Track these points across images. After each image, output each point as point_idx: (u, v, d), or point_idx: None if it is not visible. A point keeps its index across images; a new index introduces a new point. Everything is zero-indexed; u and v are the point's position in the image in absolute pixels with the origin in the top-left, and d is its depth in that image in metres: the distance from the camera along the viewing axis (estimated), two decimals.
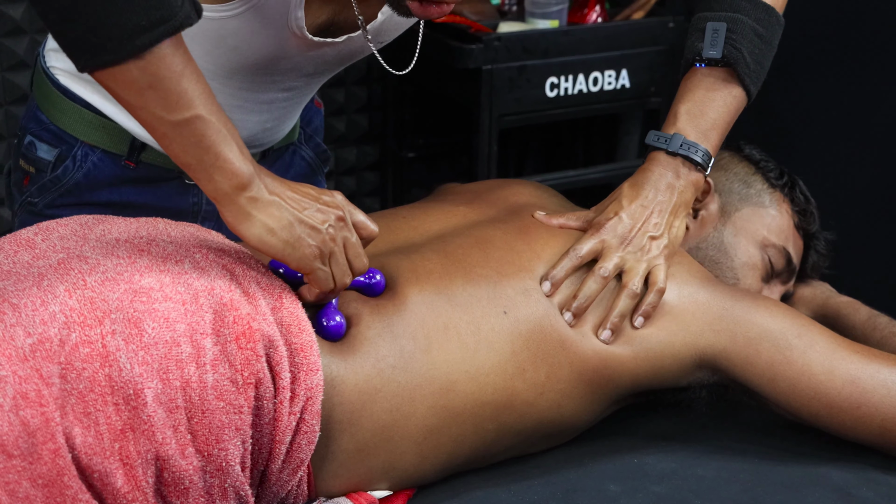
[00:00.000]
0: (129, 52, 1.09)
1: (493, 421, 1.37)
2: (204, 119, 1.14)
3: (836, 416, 1.41)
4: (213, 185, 1.19)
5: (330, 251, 1.25)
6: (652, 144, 1.52)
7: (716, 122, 1.52)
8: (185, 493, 1.16)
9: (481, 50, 2.43)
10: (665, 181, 1.50)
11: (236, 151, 1.17)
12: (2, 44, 2.44)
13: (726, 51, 1.50)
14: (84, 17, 1.07)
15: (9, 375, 1.09)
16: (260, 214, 1.20)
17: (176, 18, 1.10)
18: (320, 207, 1.24)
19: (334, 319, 1.31)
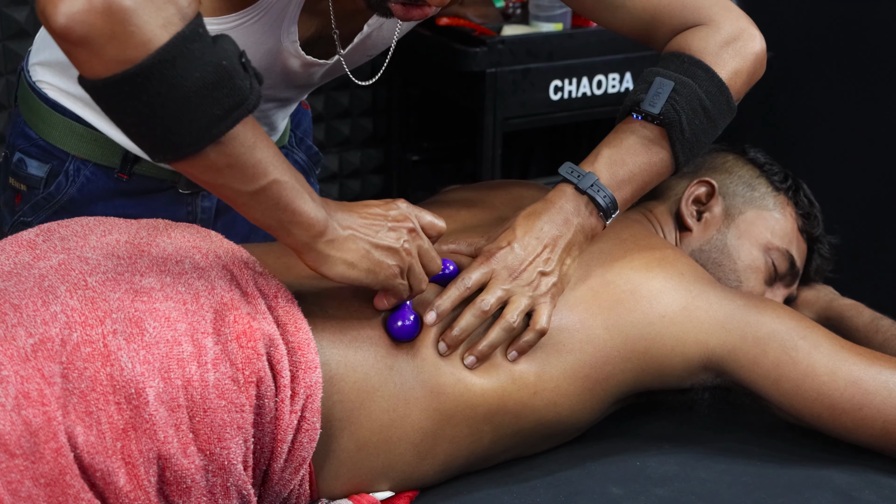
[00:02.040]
0: (206, 142, 1.09)
1: (487, 423, 1.37)
2: (279, 182, 1.15)
3: (839, 418, 1.41)
4: (293, 238, 1.20)
5: (408, 266, 1.28)
6: (564, 176, 1.43)
7: (633, 177, 1.43)
8: (188, 492, 1.16)
9: (485, 53, 2.43)
10: (563, 216, 1.41)
11: (309, 203, 1.18)
12: (6, 46, 2.45)
13: (664, 110, 1.42)
14: (161, 119, 1.07)
15: (11, 375, 1.09)
16: (338, 253, 1.22)
17: (248, 102, 1.10)
18: (392, 225, 1.26)
19: (408, 319, 1.33)
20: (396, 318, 1.33)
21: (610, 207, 1.42)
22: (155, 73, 1.03)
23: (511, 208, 1.58)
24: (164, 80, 1.04)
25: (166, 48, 1.03)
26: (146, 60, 1.02)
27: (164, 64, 1.03)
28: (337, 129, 2.92)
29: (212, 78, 1.06)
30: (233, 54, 1.09)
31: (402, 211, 1.29)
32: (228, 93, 1.08)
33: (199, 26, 1.06)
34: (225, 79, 1.07)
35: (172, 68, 1.03)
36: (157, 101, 1.05)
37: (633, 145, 1.44)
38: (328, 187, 2.97)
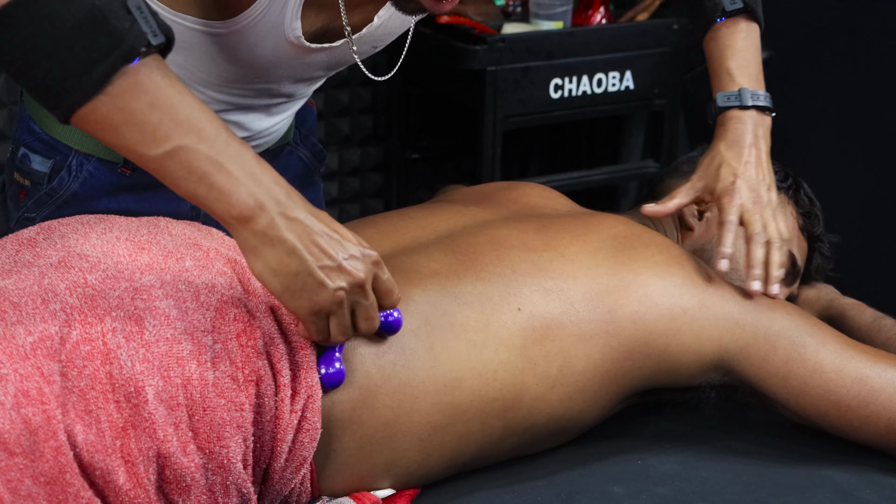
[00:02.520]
0: (89, 89, 1.04)
1: (500, 418, 1.37)
2: (187, 149, 1.08)
3: (844, 415, 1.42)
4: (216, 214, 1.12)
5: (330, 311, 1.18)
6: (725, 105, 1.59)
7: (758, 67, 1.61)
8: (187, 491, 1.16)
9: (485, 51, 2.43)
10: (751, 134, 1.57)
11: (237, 178, 1.09)
12: None
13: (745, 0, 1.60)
14: (37, 62, 1.03)
15: (10, 373, 1.09)
16: (266, 252, 1.12)
17: (125, 41, 1.04)
18: (342, 266, 1.15)
19: (332, 367, 1.25)
20: (320, 364, 1.25)
21: (769, 103, 1.59)
22: (19, 12, 1.01)
23: (521, 205, 1.58)
24: (32, 19, 1.01)
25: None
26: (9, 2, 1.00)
27: (29, 2, 1.01)
28: (337, 127, 2.92)
29: (83, 18, 1.02)
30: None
31: (364, 266, 1.17)
32: (103, 33, 1.02)
33: None
34: (98, 20, 1.02)
35: (37, 7, 1.01)
36: (28, 42, 1.02)
37: (743, 44, 1.61)
38: (328, 185, 2.97)
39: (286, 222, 1.12)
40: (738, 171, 1.54)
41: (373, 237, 1.46)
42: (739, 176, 1.53)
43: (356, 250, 1.17)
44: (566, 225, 1.51)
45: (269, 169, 1.13)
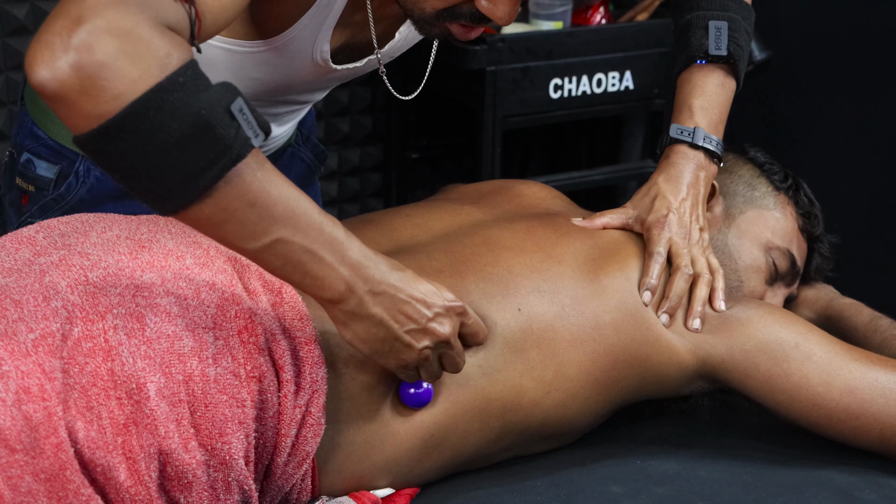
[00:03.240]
0: (194, 195, 1.05)
1: (499, 419, 1.37)
2: (284, 241, 1.11)
3: (835, 426, 1.41)
4: (309, 295, 1.17)
5: (418, 364, 1.25)
6: (676, 137, 1.57)
7: (721, 117, 1.59)
8: (189, 488, 1.16)
9: (485, 51, 2.43)
10: (693, 173, 1.55)
11: (329, 265, 1.14)
12: (6, 43, 2.44)
13: (731, 48, 1.57)
14: (144, 172, 1.04)
15: (11, 370, 1.09)
16: (355, 325, 1.19)
17: (232, 150, 1.05)
18: (426, 328, 1.22)
19: (420, 386, 1.32)
20: (409, 385, 1.32)
21: (720, 152, 1.58)
22: (128, 125, 1.01)
23: (515, 205, 1.58)
24: (139, 132, 1.01)
25: (139, 101, 1.00)
26: (118, 114, 1.00)
27: (137, 116, 1.01)
28: (336, 127, 2.92)
29: (190, 129, 1.03)
30: (217, 102, 1.04)
31: (444, 317, 1.24)
32: (210, 143, 1.03)
33: (180, 76, 1.02)
34: (205, 129, 1.03)
35: (146, 120, 1.01)
36: (135, 154, 1.03)
37: (713, 89, 1.59)
38: (327, 185, 2.97)
39: (373, 298, 1.18)
40: (673, 206, 1.52)
41: (371, 235, 1.46)
42: (673, 210, 1.52)
43: (440, 307, 1.23)
44: (554, 225, 1.51)
45: (358, 244, 1.17)
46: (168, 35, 1.04)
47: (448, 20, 1.29)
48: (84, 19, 0.99)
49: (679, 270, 1.47)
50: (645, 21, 2.65)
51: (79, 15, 0.99)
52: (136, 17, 1.01)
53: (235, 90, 1.07)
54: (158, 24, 1.03)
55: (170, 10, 1.06)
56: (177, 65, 1.03)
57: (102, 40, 0.99)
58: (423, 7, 1.28)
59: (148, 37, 1.01)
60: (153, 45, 1.01)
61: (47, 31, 1.00)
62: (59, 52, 0.99)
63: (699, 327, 1.45)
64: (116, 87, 1.00)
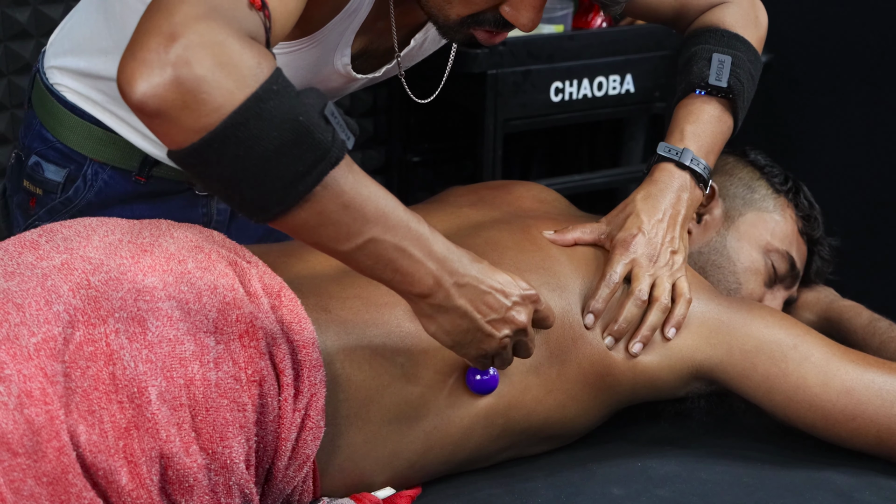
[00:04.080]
0: (293, 201, 1.07)
1: (502, 416, 1.38)
2: (377, 241, 1.13)
3: (832, 428, 1.42)
4: (397, 291, 1.19)
5: (495, 353, 1.27)
6: (663, 155, 1.53)
7: (713, 146, 1.55)
8: (190, 491, 1.16)
9: (486, 55, 2.43)
10: (674, 193, 1.51)
11: (418, 260, 1.15)
12: (8, 47, 2.45)
13: (731, 82, 1.55)
14: (245, 181, 1.05)
15: (13, 374, 1.09)
16: (440, 318, 1.21)
17: (331, 154, 1.07)
18: (506, 317, 1.24)
19: (487, 373, 1.34)
20: (475, 371, 1.34)
21: (707, 177, 1.53)
22: (230, 136, 1.02)
23: (513, 207, 1.59)
24: (241, 142, 1.02)
25: (238, 111, 1.01)
26: (220, 126, 1.01)
27: (238, 127, 1.02)
28: None
29: (289, 135, 1.04)
30: (312, 108, 1.06)
31: (521, 306, 1.25)
32: (309, 148, 1.05)
33: (273, 84, 1.04)
34: (303, 135, 1.05)
35: (246, 130, 1.02)
36: (237, 164, 1.04)
37: (709, 119, 1.55)
38: None
39: (458, 290, 1.19)
40: (644, 227, 1.48)
41: None
42: (643, 231, 1.47)
43: (517, 296, 1.24)
44: (552, 227, 1.52)
45: (441, 239, 1.19)
46: (254, 45, 1.05)
47: (472, 26, 1.31)
48: (178, 35, 1.00)
49: (632, 295, 1.44)
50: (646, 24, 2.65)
51: (171, 31, 1.00)
52: (225, 30, 1.03)
53: (323, 94, 1.09)
54: (244, 35, 1.05)
55: (248, 20, 1.08)
56: (267, 73, 1.04)
57: (199, 54, 1.00)
58: (448, 14, 1.30)
59: (238, 48, 1.03)
60: (244, 56, 1.03)
61: (141, 48, 1.01)
62: (158, 68, 1.00)
63: (638, 352, 1.43)
64: (216, 99, 1.01)
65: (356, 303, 1.34)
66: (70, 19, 1.58)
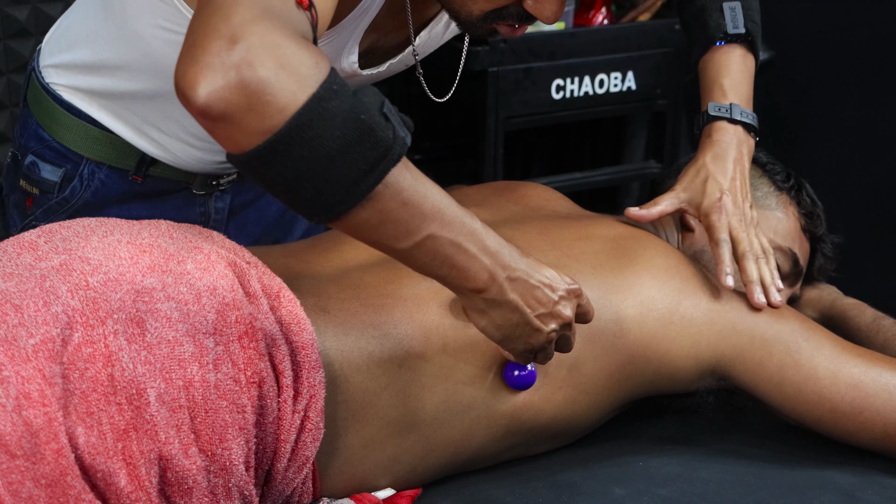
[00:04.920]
0: (356, 199, 1.07)
1: (506, 416, 1.38)
2: (434, 237, 1.13)
3: (839, 421, 1.42)
4: (451, 287, 1.19)
5: (542, 348, 1.28)
6: (715, 115, 1.58)
7: (749, 93, 1.62)
8: (189, 493, 1.16)
9: (487, 52, 2.43)
10: (736, 148, 1.57)
11: (474, 255, 1.16)
12: (7, 45, 2.44)
13: (748, 25, 1.61)
14: (309, 181, 1.05)
15: (12, 376, 1.09)
16: (492, 312, 1.21)
17: (393, 152, 1.07)
18: (553, 312, 1.24)
19: (525, 369, 1.36)
20: (514, 367, 1.36)
21: (756, 125, 1.59)
22: (295, 137, 1.02)
23: (521, 206, 1.59)
24: (305, 142, 1.02)
25: (302, 112, 1.01)
26: (284, 127, 1.01)
27: (303, 127, 1.02)
28: None
29: (353, 134, 1.04)
30: (372, 106, 1.06)
31: (567, 300, 1.26)
32: (371, 147, 1.05)
33: (332, 83, 1.04)
34: (366, 133, 1.04)
35: (311, 130, 1.02)
36: (301, 164, 1.04)
37: (738, 69, 1.62)
38: None
39: (510, 284, 1.20)
40: (725, 188, 1.53)
41: None
42: (726, 192, 1.53)
43: (563, 290, 1.25)
44: (567, 227, 1.52)
45: (493, 233, 1.19)
46: (310, 45, 1.05)
47: (495, 21, 1.32)
48: (239, 37, 1.00)
49: (745, 256, 1.50)
50: (647, 21, 2.65)
51: (231, 34, 1.00)
52: (282, 31, 1.03)
53: (378, 91, 1.09)
54: (299, 36, 1.05)
55: (298, 20, 1.08)
56: (325, 73, 1.04)
57: (261, 56, 1.00)
58: (471, 10, 1.31)
59: (296, 48, 1.02)
60: (303, 57, 1.03)
61: (203, 52, 1.00)
62: (221, 71, 0.99)
63: (780, 301, 1.48)
64: (280, 100, 1.00)
65: (354, 304, 1.34)
66: (66, 18, 1.57)
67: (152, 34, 1.39)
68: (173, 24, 1.36)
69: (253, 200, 1.71)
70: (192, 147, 1.51)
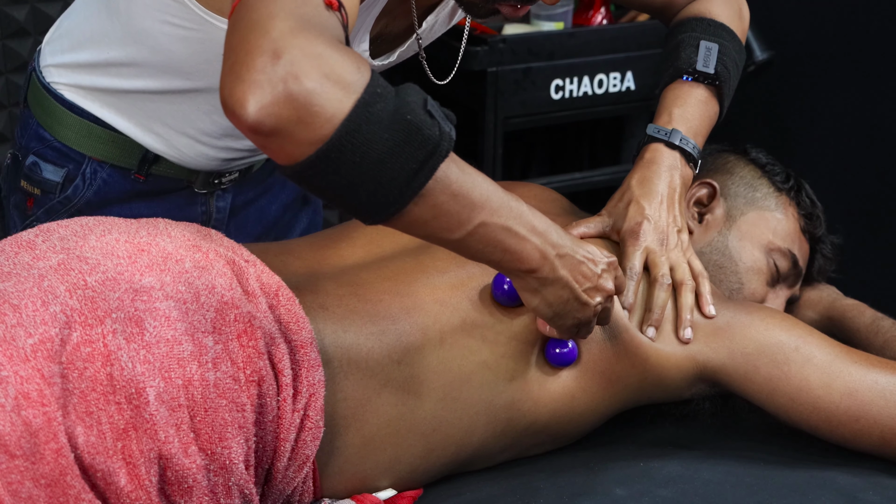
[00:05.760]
0: (408, 198, 1.09)
1: (506, 410, 1.38)
2: (486, 224, 1.16)
3: (836, 430, 1.41)
4: (504, 270, 1.23)
5: (587, 322, 1.31)
6: (653, 136, 1.54)
7: (700, 129, 1.57)
8: (189, 492, 1.16)
9: (486, 52, 2.43)
10: (668, 172, 1.53)
11: (524, 237, 1.19)
12: (6, 45, 2.44)
13: (718, 68, 1.57)
14: (362, 186, 1.07)
15: (10, 376, 1.09)
16: (545, 290, 1.25)
17: (441, 148, 1.09)
18: (598, 285, 1.28)
19: (566, 346, 1.38)
20: (555, 345, 1.38)
21: (696, 156, 1.55)
22: (346, 144, 1.03)
23: None
24: (356, 148, 1.04)
25: (350, 118, 1.03)
26: (335, 135, 1.03)
27: (352, 133, 1.03)
28: None
29: (401, 136, 1.06)
30: (416, 105, 1.08)
31: (608, 273, 1.30)
32: (420, 145, 1.07)
33: (376, 87, 1.05)
34: (413, 133, 1.06)
35: (360, 135, 1.04)
36: (353, 170, 1.05)
37: (696, 103, 1.57)
38: None
39: (560, 261, 1.24)
40: (647, 213, 1.49)
41: (373, 237, 1.47)
42: (647, 217, 1.49)
43: (604, 263, 1.29)
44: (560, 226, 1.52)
45: (539, 214, 1.22)
46: (349, 51, 1.06)
47: (498, 2, 1.33)
48: (282, 51, 1.01)
49: (657, 281, 1.45)
50: (646, 21, 2.65)
51: (274, 48, 1.01)
52: (321, 39, 1.04)
53: (420, 90, 1.10)
54: (337, 42, 1.06)
55: (331, 24, 1.09)
56: (368, 77, 1.05)
57: (305, 68, 1.01)
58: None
59: (337, 56, 1.04)
60: (344, 63, 1.04)
61: (248, 69, 1.01)
62: (269, 87, 1.00)
63: (691, 336, 1.43)
64: (328, 109, 1.02)
65: (352, 301, 1.34)
66: (67, 17, 1.57)
67: (160, 30, 1.39)
68: (181, 20, 1.36)
69: (254, 199, 1.71)
70: (198, 143, 1.51)
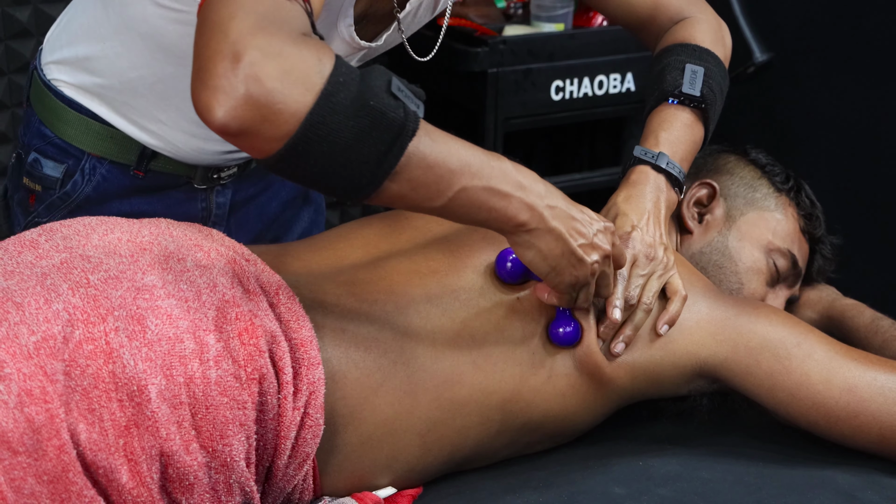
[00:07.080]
0: (381, 178, 1.12)
1: (499, 410, 1.38)
2: (467, 189, 1.18)
3: (835, 426, 1.41)
4: (495, 229, 1.24)
5: (586, 282, 1.31)
6: (640, 158, 1.53)
7: (685, 154, 1.55)
8: (190, 489, 1.16)
9: (487, 53, 2.43)
10: (653, 193, 1.51)
11: (508, 195, 1.21)
12: (8, 46, 2.44)
13: (704, 91, 1.56)
14: (334, 172, 1.11)
15: (13, 373, 1.09)
16: (540, 243, 1.25)
17: (406, 129, 1.11)
18: (594, 243, 1.29)
19: (570, 326, 1.39)
20: (558, 325, 1.39)
21: (682, 181, 1.54)
22: (311, 136, 1.07)
23: None
24: (322, 139, 1.07)
25: (314, 111, 1.06)
26: (300, 129, 1.06)
27: (317, 126, 1.07)
28: None
29: (366, 121, 1.09)
30: (379, 89, 1.10)
31: (607, 237, 1.31)
32: (386, 129, 1.10)
33: (338, 76, 1.08)
34: (378, 118, 1.09)
35: (325, 126, 1.07)
36: (323, 158, 1.09)
37: (681, 126, 1.56)
38: None
39: (550, 212, 1.25)
40: (637, 224, 1.47)
41: (370, 238, 1.48)
42: (637, 227, 1.47)
43: (599, 224, 1.30)
44: None
45: (527, 170, 1.24)
46: (309, 42, 1.09)
47: None
48: (241, 53, 1.04)
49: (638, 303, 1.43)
50: None
51: (233, 51, 1.05)
52: (280, 37, 1.07)
53: (385, 71, 1.13)
54: (297, 35, 1.09)
55: (293, 15, 1.11)
56: (330, 67, 1.08)
57: (265, 68, 1.04)
58: None
59: (297, 51, 1.07)
60: (304, 57, 1.07)
61: (210, 75, 1.05)
62: (231, 91, 1.04)
63: (620, 351, 1.42)
64: (290, 106, 1.05)
65: (350, 300, 1.35)
66: (66, 14, 1.58)
67: (153, 12, 1.40)
68: (172, 2, 1.37)
69: (254, 196, 1.71)
70: (194, 136, 1.51)
